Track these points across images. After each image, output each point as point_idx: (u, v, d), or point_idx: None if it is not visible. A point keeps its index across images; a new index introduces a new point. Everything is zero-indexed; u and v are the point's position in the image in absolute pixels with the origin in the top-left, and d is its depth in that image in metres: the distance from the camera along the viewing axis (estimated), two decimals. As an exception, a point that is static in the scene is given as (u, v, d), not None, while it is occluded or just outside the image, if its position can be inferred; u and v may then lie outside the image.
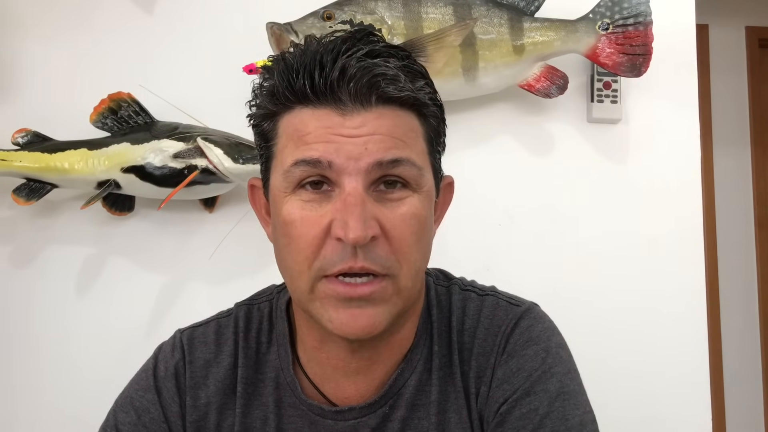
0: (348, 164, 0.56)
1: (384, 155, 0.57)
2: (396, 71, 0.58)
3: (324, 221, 0.57)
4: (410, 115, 0.60)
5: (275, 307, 0.73)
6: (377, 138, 0.57)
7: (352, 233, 0.55)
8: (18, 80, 1.33)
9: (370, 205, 0.57)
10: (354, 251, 0.56)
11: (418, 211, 0.60)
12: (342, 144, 0.56)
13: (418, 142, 0.61)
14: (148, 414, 0.68)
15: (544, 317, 0.71)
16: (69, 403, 1.26)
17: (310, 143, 0.57)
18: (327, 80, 0.56)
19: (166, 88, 1.29)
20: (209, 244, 1.30)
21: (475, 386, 0.67)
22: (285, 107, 0.60)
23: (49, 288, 1.29)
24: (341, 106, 0.57)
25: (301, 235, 0.58)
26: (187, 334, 0.73)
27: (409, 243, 0.59)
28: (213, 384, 0.69)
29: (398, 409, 0.66)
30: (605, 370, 1.27)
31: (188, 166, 1.19)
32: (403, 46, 0.64)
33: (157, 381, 0.69)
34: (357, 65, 0.56)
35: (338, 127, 0.57)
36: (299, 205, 0.58)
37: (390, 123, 0.58)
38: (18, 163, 1.21)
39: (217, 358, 0.70)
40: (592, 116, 1.37)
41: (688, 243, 1.37)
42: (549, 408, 0.62)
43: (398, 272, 0.59)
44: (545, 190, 1.37)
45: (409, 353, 0.68)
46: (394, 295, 0.59)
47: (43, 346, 1.28)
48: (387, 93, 0.57)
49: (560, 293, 1.32)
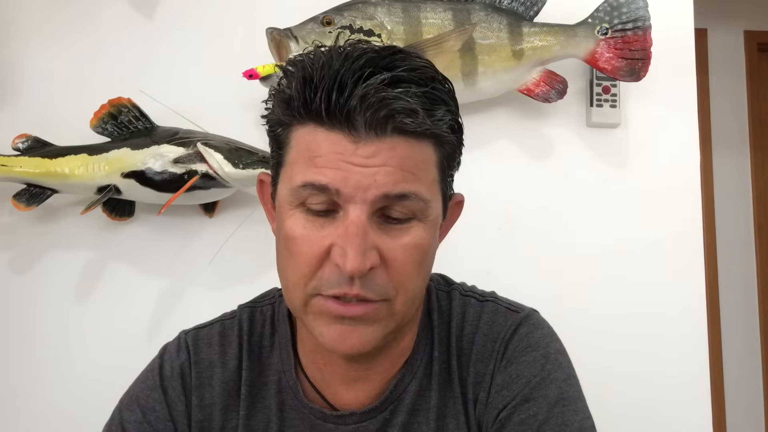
0: (355, 194, 0.56)
1: (392, 189, 0.56)
2: (415, 104, 0.56)
3: (325, 243, 0.57)
4: (425, 144, 0.59)
5: (277, 311, 0.73)
6: (387, 170, 0.56)
7: (350, 264, 0.55)
8: (18, 86, 1.34)
9: (372, 234, 0.57)
10: (351, 279, 0.56)
11: (422, 240, 0.59)
12: (351, 173, 0.56)
13: (430, 172, 0.60)
14: (153, 413, 0.68)
15: (544, 323, 0.71)
16: (70, 406, 1.26)
17: (320, 167, 0.56)
18: (344, 107, 0.55)
19: (166, 94, 1.29)
20: (209, 249, 1.31)
21: (473, 392, 0.67)
22: (299, 120, 0.59)
23: (50, 293, 1.29)
24: (354, 133, 0.56)
25: (300, 253, 0.58)
26: (191, 335, 0.73)
27: (408, 273, 0.59)
28: (218, 385, 0.69)
29: (399, 415, 0.67)
30: (605, 374, 1.27)
31: (188, 171, 1.19)
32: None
33: (163, 380, 0.69)
34: (376, 95, 0.54)
35: (350, 154, 0.56)
36: (302, 222, 0.58)
37: (403, 155, 0.57)
38: (18, 168, 1.21)
39: (222, 359, 0.70)
40: (592, 120, 1.37)
41: (687, 247, 1.38)
42: (548, 414, 0.62)
43: (394, 298, 0.59)
44: (545, 195, 1.37)
45: (409, 359, 0.68)
46: (387, 317, 0.59)
47: (43, 350, 1.28)
48: (403, 126, 0.56)
49: (560, 297, 1.32)
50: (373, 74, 0.55)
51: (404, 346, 0.68)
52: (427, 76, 0.59)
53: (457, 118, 0.63)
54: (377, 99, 0.54)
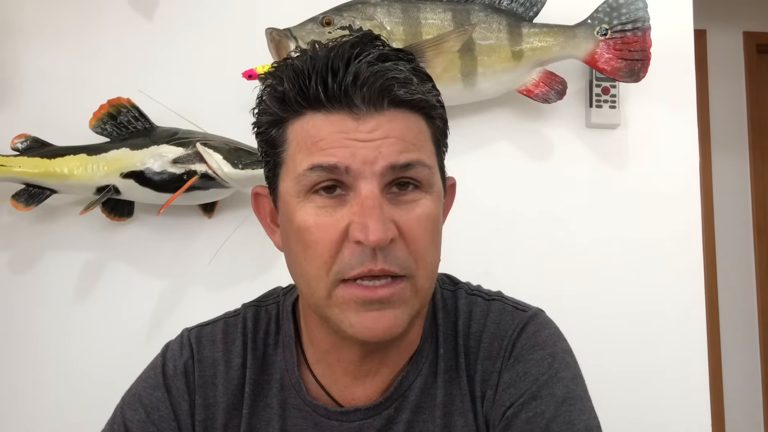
0: (364, 168, 0.57)
1: (398, 158, 0.58)
2: (407, 74, 0.59)
3: (341, 225, 0.57)
4: (419, 117, 0.61)
5: (282, 309, 0.73)
6: (391, 141, 0.58)
7: (373, 235, 0.55)
8: (18, 86, 1.34)
9: (387, 208, 0.58)
10: (374, 254, 0.56)
11: (432, 211, 0.61)
12: (357, 148, 0.57)
13: (428, 143, 0.62)
14: (157, 412, 0.67)
15: (550, 323, 0.71)
16: (70, 406, 1.26)
17: (325, 149, 0.57)
18: (341, 85, 0.57)
19: (165, 94, 1.29)
20: (208, 249, 1.30)
21: (480, 390, 0.67)
22: (295, 113, 0.60)
23: (49, 293, 1.29)
24: (355, 110, 0.57)
25: (318, 241, 0.58)
26: (194, 332, 0.73)
27: (425, 244, 0.60)
28: (222, 384, 0.69)
29: (403, 412, 0.67)
30: (605, 374, 1.27)
31: (187, 171, 1.19)
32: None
33: (166, 379, 0.69)
34: (369, 69, 0.57)
35: (353, 131, 0.57)
36: (314, 210, 0.58)
37: (402, 126, 0.59)
38: (17, 168, 1.21)
39: (225, 357, 0.70)
40: (591, 121, 1.37)
41: (687, 248, 1.38)
42: (555, 412, 0.62)
43: (416, 273, 0.59)
44: (544, 195, 1.37)
45: (414, 356, 0.68)
46: (412, 297, 0.60)
47: (43, 350, 1.28)
48: (399, 96, 0.58)
49: (560, 298, 1.32)
50: (361, 54, 0.58)
51: (412, 339, 0.68)
52: (410, 57, 0.62)
53: (441, 98, 0.65)
54: (371, 73, 0.57)
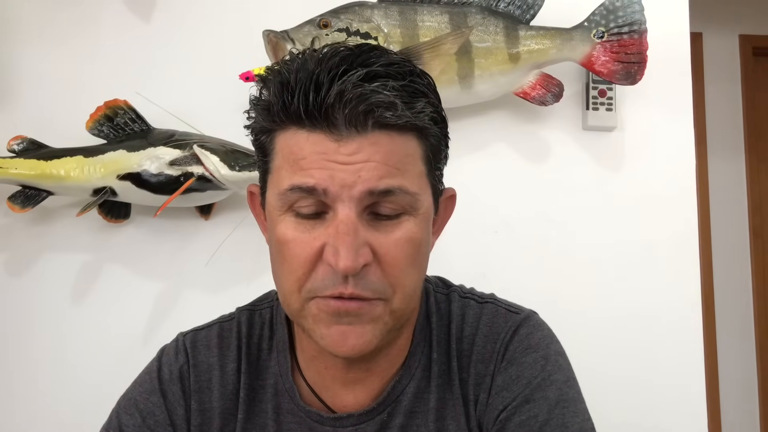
0: (342, 192, 0.56)
1: (377, 184, 0.56)
2: (393, 97, 0.56)
3: (316, 244, 0.57)
4: (408, 137, 0.59)
5: (276, 314, 0.73)
6: (371, 165, 0.56)
7: (342, 263, 0.55)
8: (15, 87, 1.33)
9: (363, 231, 0.57)
10: (345, 278, 0.56)
11: (414, 234, 0.59)
12: (336, 171, 0.56)
13: (415, 165, 0.60)
14: (153, 417, 0.67)
15: (543, 325, 0.71)
16: (66, 409, 1.25)
17: (305, 168, 0.56)
18: (322, 105, 0.55)
19: (162, 96, 1.29)
20: (205, 251, 1.30)
21: (473, 393, 0.67)
22: (281, 124, 0.59)
23: (46, 295, 1.29)
24: (335, 131, 0.56)
25: (293, 257, 0.58)
26: (189, 337, 0.72)
27: (402, 268, 0.59)
28: (217, 389, 0.69)
29: (396, 417, 0.67)
30: (601, 377, 1.28)
31: (184, 173, 1.19)
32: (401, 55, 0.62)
33: (162, 384, 0.69)
34: (353, 91, 0.54)
35: (332, 153, 0.56)
36: (293, 225, 0.58)
37: (385, 149, 0.57)
38: (14, 170, 1.20)
39: (220, 362, 0.70)
40: (588, 124, 1.38)
41: (683, 250, 1.38)
42: (549, 415, 0.62)
43: (391, 296, 0.59)
44: (541, 198, 1.38)
45: (406, 361, 0.68)
46: (385, 315, 0.59)
47: (39, 353, 1.27)
48: (383, 120, 0.56)
49: (556, 300, 1.32)
50: (349, 71, 0.55)
51: (401, 346, 0.68)
52: (405, 71, 0.58)
53: (439, 110, 0.62)
54: (354, 95, 0.54)
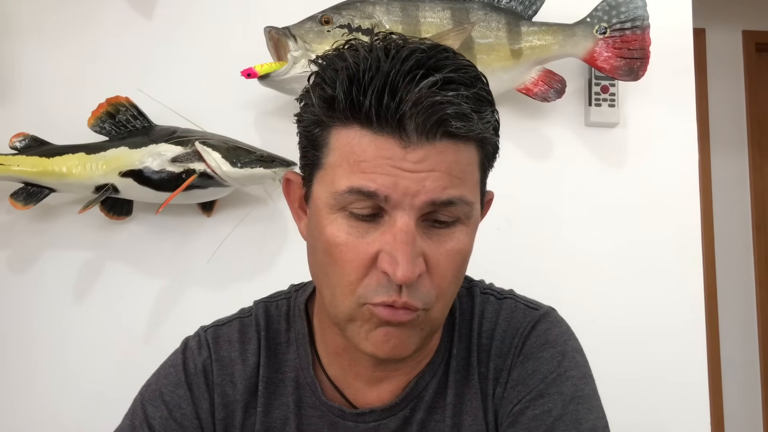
0: (404, 200, 0.55)
1: (440, 195, 0.55)
2: (468, 108, 0.55)
3: (371, 250, 0.56)
4: (471, 146, 0.58)
5: (293, 306, 0.73)
6: (436, 175, 0.55)
7: (401, 272, 0.54)
8: (16, 84, 1.33)
9: (419, 240, 0.56)
10: (399, 287, 0.56)
11: (464, 245, 0.59)
12: (400, 178, 0.54)
13: (474, 174, 0.59)
14: (179, 409, 0.67)
15: (561, 321, 0.71)
16: (68, 406, 1.25)
17: (367, 172, 0.55)
18: (396, 111, 0.53)
19: (164, 93, 1.29)
20: (207, 248, 1.30)
21: (491, 387, 0.67)
22: (343, 121, 0.57)
23: (48, 292, 1.29)
24: (405, 137, 0.54)
25: (346, 261, 0.57)
26: (211, 332, 0.72)
27: (449, 279, 0.59)
28: (240, 382, 0.69)
29: (418, 412, 0.67)
30: (603, 375, 1.27)
31: (186, 170, 1.19)
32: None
33: (188, 377, 0.69)
34: (428, 99, 0.53)
35: (399, 159, 0.54)
36: (345, 228, 0.57)
37: (451, 159, 0.56)
38: (16, 167, 1.20)
39: (242, 356, 0.70)
40: (590, 120, 1.37)
41: (686, 246, 1.38)
42: (563, 410, 0.62)
43: (434, 305, 0.59)
44: (544, 194, 1.37)
45: (432, 359, 0.69)
46: (425, 323, 0.59)
47: (41, 350, 1.28)
48: (455, 131, 0.55)
49: (559, 297, 1.30)
50: (425, 76, 0.54)
51: (430, 347, 0.69)
52: (473, 76, 0.57)
53: (497, 120, 0.62)
54: (430, 103, 0.53)
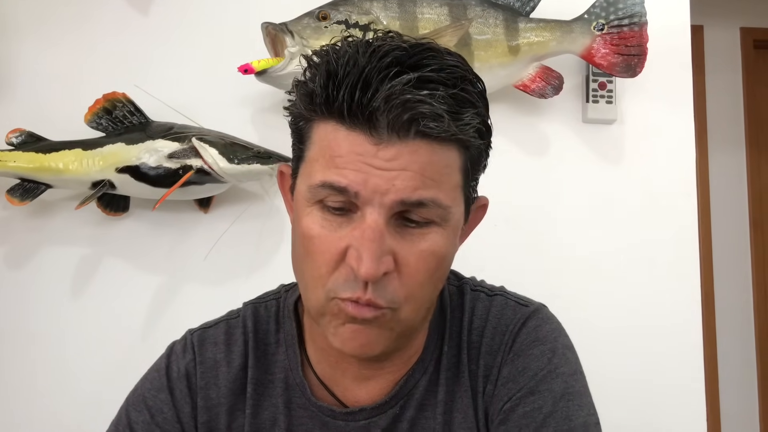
0: (373, 197, 0.55)
1: (410, 195, 0.55)
2: (442, 110, 0.54)
3: (341, 245, 0.56)
4: (449, 148, 0.57)
5: (282, 306, 0.73)
6: (407, 175, 0.54)
7: (364, 269, 0.54)
8: (13, 80, 1.33)
9: (389, 238, 0.56)
10: (364, 284, 0.56)
11: (438, 247, 0.58)
12: (371, 176, 0.54)
13: (452, 177, 0.58)
14: (161, 414, 0.68)
15: (552, 318, 0.71)
16: (65, 403, 1.26)
17: (340, 167, 0.55)
18: (367, 106, 0.53)
19: (161, 89, 1.29)
20: (204, 244, 1.30)
21: (482, 384, 0.67)
22: (321, 116, 0.57)
23: (44, 289, 1.29)
24: (375, 134, 0.54)
25: (318, 254, 0.57)
26: (197, 335, 0.72)
27: (420, 280, 0.58)
28: (224, 385, 0.69)
29: (408, 410, 0.67)
30: (598, 373, 1.28)
31: (183, 166, 1.19)
32: None
33: (170, 381, 0.69)
34: (400, 97, 0.53)
35: (370, 156, 0.54)
36: (319, 221, 0.57)
37: (424, 160, 0.55)
38: (12, 163, 1.20)
39: (227, 358, 0.70)
40: (588, 117, 1.37)
41: (683, 243, 1.38)
42: (553, 407, 0.62)
43: (401, 306, 0.58)
44: (541, 191, 1.37)
45: (421, 356, 0.69)
46: (392, 322, 0.59)
47: (38, 347, 1.28)
48: (427, 131, 0.54)
49: (555, 294, 1.31)
50: (400, 73, 0.53)
51: (416, 346, 0.68)
52: (457, 76, 0.56)
53: (485, 120, 0.60)
54: (401, 101, 0.53)
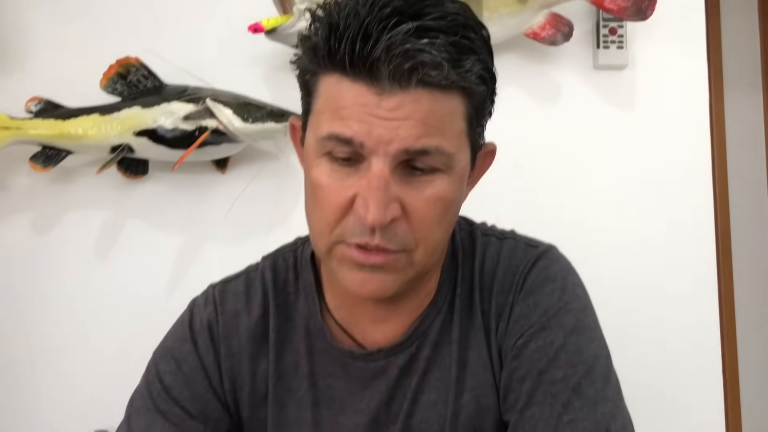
0: (378, 147, 0.56)
1: (413, 144, 0.56)
2: (441, 58, 0.54)
3: (348, 193, 0.58)
4: (452, 96, 0.58)
5: (300, 257, 0.76)
6: (410, 123, 0.56)
7: (371, 217, 0.56)
8: (28, 49, 1.35)
9: (395, 186, 0.57)
10: (372, 230, 0.58)
11: (445, 193, 0.60)
12: (375, 126, 0.56)
13: (456, 124, 0.59)
14: (186, 363, 0.71)
15: (561, 258, 0.73)
16: (95, 360, 1.31)
17: (345, 119, 0.56)
18: (368, 57, 0.54)
19: (172, 52, 1.30)
20: (223, 204, 1.33)
21: (494, 323, 0.70)
22: (325, 69, 0.58)
23: (70, 252, 1.33)
24: (377, 84, 0.55)
25: (326, 202, 0.59)
26: (218, 288, 0.76)
27: (429, 225, 0.60)
28: (245, 334, 0.72)
29: (424, 349, 0.70)
30: (612, 314, 1.30)
31: (199, 127, 1.21)
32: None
33: (193, 333, 0.72)
34: (401, 47, 0.53)
35: (373, 106, 0.55)
36: (328, 171, 0.59)
37: (427, 108, 0.56)
38: (33, 130, 1.23)
39: (247, 308, 0.73)
40: (599, 63, 1.37)
41: (696, 188, 1.38)
42: (564, 341, 0.65)
43: (414, 249, 0.60)
44: (553, 139, 1.38)
45: (434, 299, 0.71)
46: (406, 266, 0.61)
47: (66, 309, 1.32)
48: (428, 79, 0.55)
49: (567, 241, 1.33)
50: (400, 23, 0.53)
51: (430, 288, 0.71)
52: (458, 24, 0.56)
53: (488, 67, 0.61)
54: (402, 51, 0.53)
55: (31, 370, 1.31)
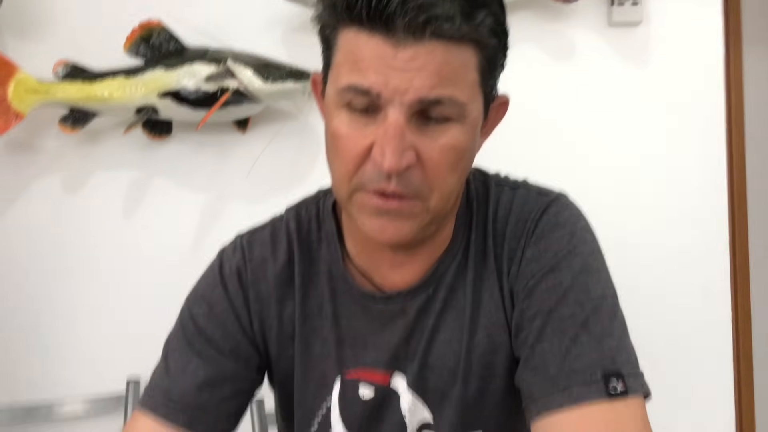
0: (394, 97, 0.59)
1: (427, 93, 0.59)
2: (454, 11, 0.57)
3: (366, 142, 0.61)
4: (465, 48, 0.60)
5: (322, 208, 0.80)
6: (424, 74, 0.58)
7: (387, 163, 0.59)
8: (52, 15, 1.38)
9: (410, 135, 0.60)
10: (388, 176, 0.61)
11: (459, 142, 0.62)
12: (391, 77, 0.58)
13: (469, 75, 0.61)
14: (218, 306, 0.76)
15: (571, 204, 0.77)
16: (127, 312, 1.37)
17: (362, 70, 0.59)
18: (384, 11, 0.56)
19: (193, 15, 1.33)
20: (244, 163, 1.37)
21: (506, 266, 0.74)
22: (344, 22, 0.61)
23: (99, 210, 1.39)
24: (393, 37, 0.58)
25: (345, 151, 0.63)
26: (246, 237, 0.80)
27: (442, 172, 0.63)
28: (272, 279, 0.77)
29: (440, 291, 0.74)
30: (625, 264, 1.33)
31: (220, 88, 1.24)
32: None
33: (223, 278, 0.77)
34: (416, 1, 0.56)
35: (390, 58, 0.58)
36: (347, 121, 0.62)
37: (440, 59, 0.59)
38: (61, 93, 1.27)
39: (273, 255, 0.77)
40: (613, 20, 1.37)
41: (710, 144, 1.40)
42: (572, 282, 0.68)
43: (429, 195, 0.63)
44: (568, 95, 1.40)
45: (450, 245, 0.75)
46: (422, 212, 0.64)
47: (97, 265, 1.38)
48: (441, 32, 0.57)
49: (582, 198, 1.35)
50: None
51: (445, 235, 0.75)
52: None
53: (500, 20, 0.63)
54: (416, 4, 0.56)
55: (67, 323, 1.38)
